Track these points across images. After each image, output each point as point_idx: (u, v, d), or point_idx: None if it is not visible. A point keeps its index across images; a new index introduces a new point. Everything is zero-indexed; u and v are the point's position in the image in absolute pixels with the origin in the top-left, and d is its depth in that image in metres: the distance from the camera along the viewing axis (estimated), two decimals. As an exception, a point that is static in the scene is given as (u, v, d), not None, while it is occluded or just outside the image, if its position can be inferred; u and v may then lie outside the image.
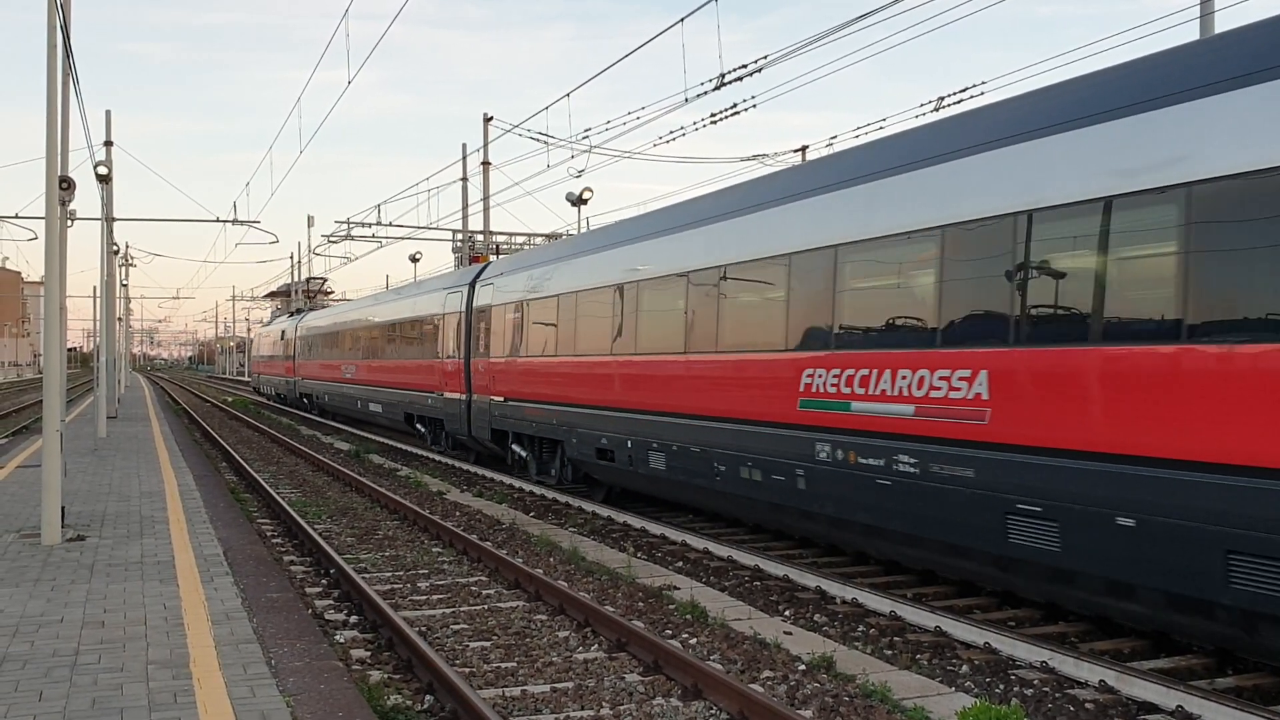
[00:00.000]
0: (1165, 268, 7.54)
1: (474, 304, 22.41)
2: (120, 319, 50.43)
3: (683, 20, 17.09)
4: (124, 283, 51.48)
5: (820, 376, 10.87)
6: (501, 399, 20.31)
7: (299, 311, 51.57)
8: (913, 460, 9.61)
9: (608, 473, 16.51)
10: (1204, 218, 7.30)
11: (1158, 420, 7.44)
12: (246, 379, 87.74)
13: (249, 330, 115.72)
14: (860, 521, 10.66)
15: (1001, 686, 8.14)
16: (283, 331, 50.63)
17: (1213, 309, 7.25)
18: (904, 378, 9.76)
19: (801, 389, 11.14)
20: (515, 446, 20.12)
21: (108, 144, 33.22)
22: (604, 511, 16.28)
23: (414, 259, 55.73)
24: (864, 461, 10.22)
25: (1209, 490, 7.07)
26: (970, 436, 9.01)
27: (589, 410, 16.41)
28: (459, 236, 36.27)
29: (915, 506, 9.68)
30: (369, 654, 8.79)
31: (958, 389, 9.17)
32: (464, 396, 22.63)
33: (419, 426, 27.38)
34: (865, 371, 10.25)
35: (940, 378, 9.36)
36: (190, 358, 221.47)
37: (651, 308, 14.65)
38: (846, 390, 10.50)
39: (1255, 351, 6.88)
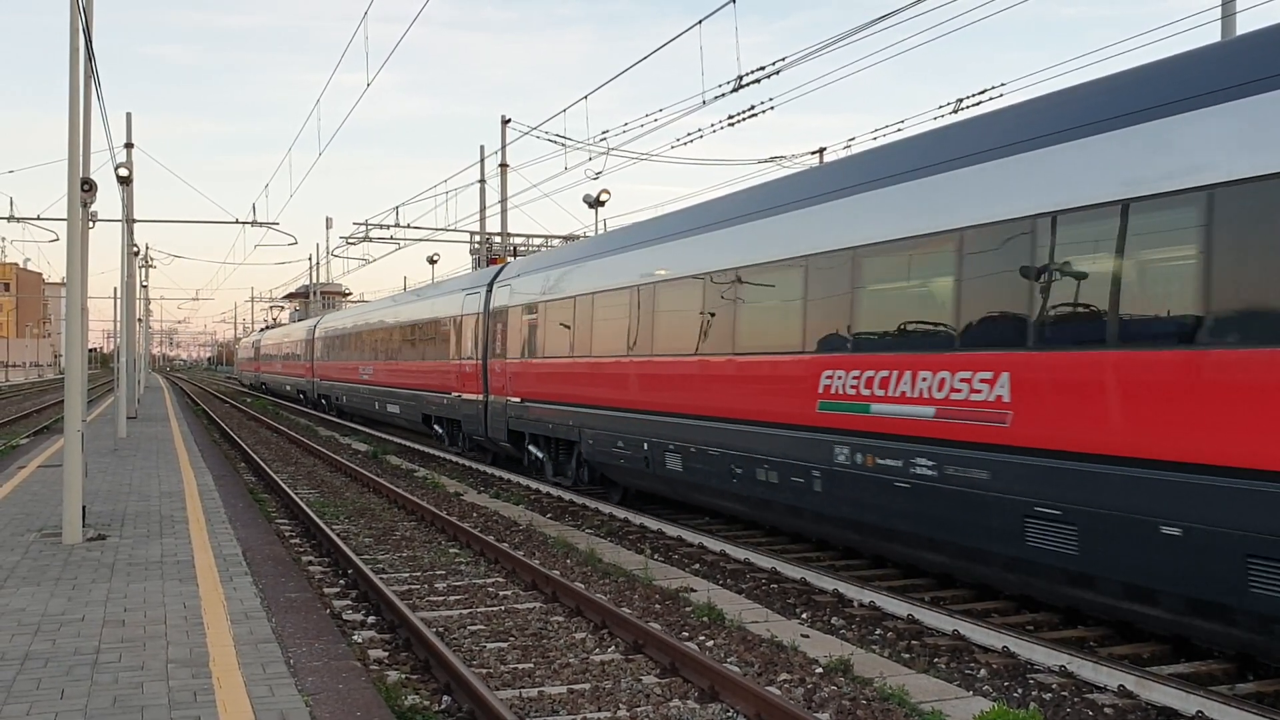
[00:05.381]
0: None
1: (315, 335, 46.45)
2: (140, 320, 50.72)
3: (700, 22, 17.07)
4: (144, 284, 51.81)
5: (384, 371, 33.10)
6: (322, 380, 43.86)
7: (267, 328, 76.99)
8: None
9: (354, 412, 37.57)
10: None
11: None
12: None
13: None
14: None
15: (1020, 690, 8.11)
16: (253, 341, 76.42)
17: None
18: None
19: (374, 374, 33.18)
20: (323, 402, 44.13)
21: (128, 146, 33.39)
22: (620, 513, 16.31)
23: (432, 261, 55.93)
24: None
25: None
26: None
27: (342, 384, 38.43)
28: (477, 238, 36.38)
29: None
30: (387, 654, 8.83)
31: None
32: (312, 379, 47.26)
33: (301, 394, 51.13)
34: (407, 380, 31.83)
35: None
36: (209, 358, 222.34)
37: (351, 344, 38.21)
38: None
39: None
